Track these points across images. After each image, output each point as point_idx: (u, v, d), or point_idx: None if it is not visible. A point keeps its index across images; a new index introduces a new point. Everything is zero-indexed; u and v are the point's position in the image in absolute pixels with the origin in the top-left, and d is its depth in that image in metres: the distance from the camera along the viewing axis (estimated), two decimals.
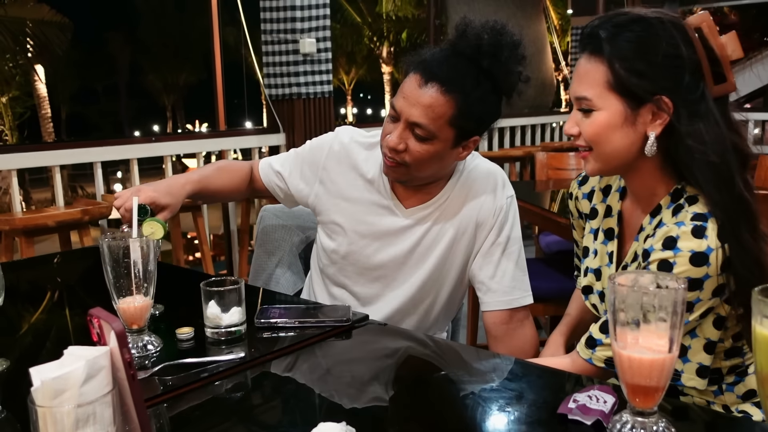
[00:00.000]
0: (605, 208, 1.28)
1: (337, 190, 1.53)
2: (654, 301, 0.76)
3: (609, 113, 1.08)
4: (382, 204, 1.50)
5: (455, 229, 1.47)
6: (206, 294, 1.17)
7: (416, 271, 1.50)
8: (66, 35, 13.64)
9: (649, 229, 1.13)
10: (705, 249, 1.01)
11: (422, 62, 1.34)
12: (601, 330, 1.14)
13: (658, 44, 1.05)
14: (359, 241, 1.51)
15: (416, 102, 1.32)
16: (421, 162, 1.36)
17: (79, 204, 3.42)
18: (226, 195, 1.67)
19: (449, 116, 1.32)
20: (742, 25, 16.13)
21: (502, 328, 1.46)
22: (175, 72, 24.35)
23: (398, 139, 1.35)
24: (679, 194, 1.11)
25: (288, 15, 4.12)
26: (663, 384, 0.79)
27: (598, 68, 1.08)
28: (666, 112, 1.06)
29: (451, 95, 1.30)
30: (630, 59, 1.05)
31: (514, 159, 5.63)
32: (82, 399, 0.65)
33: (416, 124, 1.32)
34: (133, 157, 3.81)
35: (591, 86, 1.09)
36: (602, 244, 1.27)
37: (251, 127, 7.21)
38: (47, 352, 1.19)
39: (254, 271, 1.82)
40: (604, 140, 1.10)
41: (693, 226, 1.03)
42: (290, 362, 1.14)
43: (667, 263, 1.03)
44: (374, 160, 1.51)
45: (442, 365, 1.17)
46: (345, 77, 22.65)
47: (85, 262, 1.94)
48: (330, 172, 1.54)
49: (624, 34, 1.06)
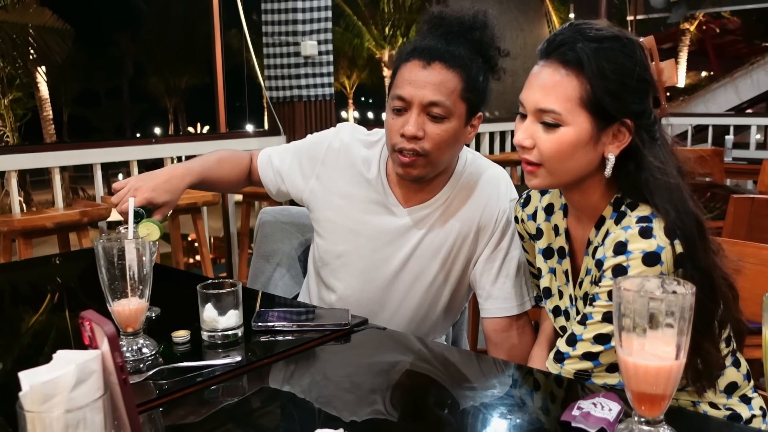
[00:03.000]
0: (552, 228, 1.27)
1: (333, 186, 1.51)
2: (661, 306, 0.74)
3: (576, 131, 1.06)
4: (379, 201, 1.47)
5: (457, 232, 1.44)
6: (203, 297, 1.16)
7: (417, 276, 1.46)
8: (66, 42, 13.67)
9: (596, 241, 1.13)
10: (656, 248, 1.01)
11: (416, 48, 1.35)
12: (568, 343, 1.10)
13: (634, 67, 1.04)
14: (354, 240, 1.48)
15: (426, 83, 1.32)
16: (440, 146, 1.34)
17: (78, 205, 3.40)
18: (225, 186, 1.64)
19: (460, 89, 1.33)
20: (744, 31, 16.14)
21: (502, 336, 1.43)
22: (178, 75, 24.39)
23: (416, 126, 1.32)
24: (619, 203, 1.11)
25: (290, 17, 4.11)
26: (670, 392, 0.77)
27: (571, 82, 1.04)
28: (628, 135, 1.06)
29: (456, 69, 1.32)
30: (609, 79, 1.03)
31: (515, 163, 5.61)
32: (72, 404, 0.63)
33: (433, 102, 1.32)
34: (133, 158, 3.80)
35: (561, 100, 1.05)
36: (558, 264, 1.26)
37: (252, 130, 7.20)
38: (44, 356, 1.17)
39: (253, 274, 1.80)
40: (565, 157, 1.07)
41: (639, 227, 1.03)
42: (288, 367, 1.12)
43: (621, 267, 1.02)
44: (374, 158, 1.49)
45: (443, 371, 1.15)
46: (346, 81, 22.67)
47: (83, 263, 1.92)
48: (328, 168, 1.52)
49: (605, 52, 1.04)
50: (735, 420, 1.13)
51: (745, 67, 11.83)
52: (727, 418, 1.13)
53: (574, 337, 1.10)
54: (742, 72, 11.70)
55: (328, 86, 4.25)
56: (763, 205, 1.97)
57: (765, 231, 1.91)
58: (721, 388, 1.15)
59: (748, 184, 4.72)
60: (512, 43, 7.09)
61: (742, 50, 15.56)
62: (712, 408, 1.15)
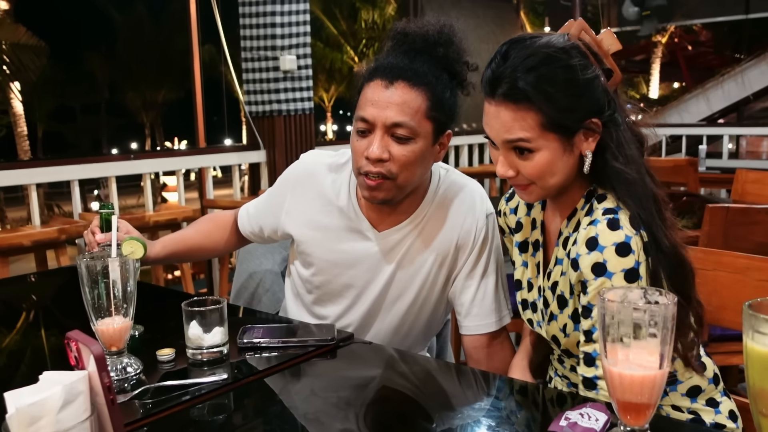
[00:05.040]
0: (530, 221, 1.31)
1: (305, 219, 1.47)
2: (645, 316, 0.75)
3: (550, 151, 1.09)
4: (353, 228, 1.43)
5: (435, 253, 1.41)
6: (188, 314, 1.15)
7: (397, 298, 1.44)
8: (41, 59, 13.53)
9: (566, 231, 1.17)
10: (624, 238, 1.05)
11: (379, 67, 1.32)
12: (587, 364, 1.10)
13: (576, 75, 1.07)
14: (332, 270, 1.45)
15: (389, 103, 1.28)
16: (407, 167, 1.30)
17: (55, 223, 3.36)
18: (208, 249, 1.64)
19: (425, 108, 1.29)
20: (714, 42, 16.49)
21: (482, 352, 1.42)
22: (154, 89, 24.22)
23: (380, 149, 1.28)
24: (591, 195, 1.16)
25: (268, 32, 4.12)
26: (654, 401, 0.78)
27: (527, 114, 1.07)
28: (597, 131, 1.10)
29: (420, 88, 1.28)
30: (558, 99, 1.06)
31: (493, 174, 5.66)
32: (59, 426, 0.63)
33: (397, 124, 1.28)
34: (111, 174, 3.76)
35: (525, 130, 1.08)
36: (531, 257, 1.30)
37: (231, 144, 7.17)
38: (21, 376, 1.15)
39: (236, 290, 1.79)
40: (549, 174, 1.11)
41: (607, 220, 1.07)
42: (275, 383, 1.11)
43: (600, 265, 1.06)
44: (342, 182, 1.45)
45: (430, 384, 1.16)
46: (324, 94, 22.71)
47: (61, 282, 1.90)
48: (296, 201, 1.48)
49: (543, 76, 1.06)
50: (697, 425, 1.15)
51: (716, 78, 12.07)
52: (689, 422, 1.15)
53: (590, 357, 1.10)
54: (713, 83, 11.94)
55: (307, 100, 4.26)
56: (738, 214, 2.00)
57: (740, 240, 1.95)
58: (683, 392, 1.18)
59: (722, 192, 4.81)
60: (489, 55, 7.15)
61: (712, 62, 15.88)
62: (675, 411, 1.17)
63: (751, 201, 2.85)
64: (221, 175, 14.83)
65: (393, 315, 1.46)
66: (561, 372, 1.28)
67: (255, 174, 4.52)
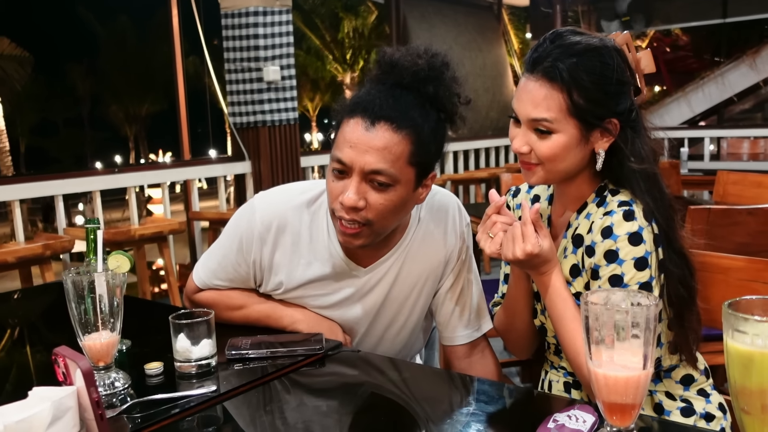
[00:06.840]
0: None
1: (287, 278, 1.36)
2: (627, 318, 0.77)
3: (567, 136, 1.15)
4: (339, 271, 1.35)
5: (425, 274, 1.37)
6: (175, 327, 1.15)
7: (390, 324, 1.42)
8: (26, 70, 13.46)
9: (575, 223, 1.23)
10: (637, 229, 1.13)
11: (360, 103, 1.20)
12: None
13: (611, 74, 1.13)
14: (321, 311, 1.40)
15: (368, 148, 1.16)
16: (384, 215, 1.21)
17: (39, 239, 3.33)
18: None
19: (408, 154, 1.18)
20: (693, 47, 16.69)
21: (464, 362, 1.41)
22: (138, 102, 24.11)
23: (356, 196, 1.18)
24: (602, 189, 1.22)
25: (251, 43, 4.13)
26: (639, 401, 0.79)
27: (557, 96, 1.13)
28: (614, 131, 1.16)
29: (404, 131, 1.17)
30: (589, 89, 1.12)
31: (479, 180, 5.69)
32: None
33: (375, 171, 1.17)
34: (95, 189, 3.74)
35: (550, 110, 1.13)
36: None
37: (216, 156, 7.16)
38: (7, 393, 1.15)
39: None
40: (560, 159, 1.16)
41: (623, 211, 1.14)
42: (264, 394, 1.11)
43: (612, 252, 1.13)
44: (320, 223, 1.35)
45: (419, 391, 1.16)
46: (309, 104, 22.71)
47: (47, 298, 1.88)
48: (268, 257, 1.36)
49: (582, 64, 1.12)
50: (688, 413, 1.20)
51: (696, 81, 12.21)
52: (681, 410, 1.20)
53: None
54: (693, 86, 12.07)
55: (292, 110, 4.27)
56: (719, 216, 2.03)
57: (723, 240, 1.97)
58: (677, 379, 1.23)
59: (704, 194, 4.87)
60: (471, 63, 7.22)
61: (692, 65, 16.06)
62: (668, 398, 1.22)
63: (733, 202, 2.89)
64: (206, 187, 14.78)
65: (385, 338, 1.45)
66: (557, 364, 1.30)
67: (240, 185, 4.52)
